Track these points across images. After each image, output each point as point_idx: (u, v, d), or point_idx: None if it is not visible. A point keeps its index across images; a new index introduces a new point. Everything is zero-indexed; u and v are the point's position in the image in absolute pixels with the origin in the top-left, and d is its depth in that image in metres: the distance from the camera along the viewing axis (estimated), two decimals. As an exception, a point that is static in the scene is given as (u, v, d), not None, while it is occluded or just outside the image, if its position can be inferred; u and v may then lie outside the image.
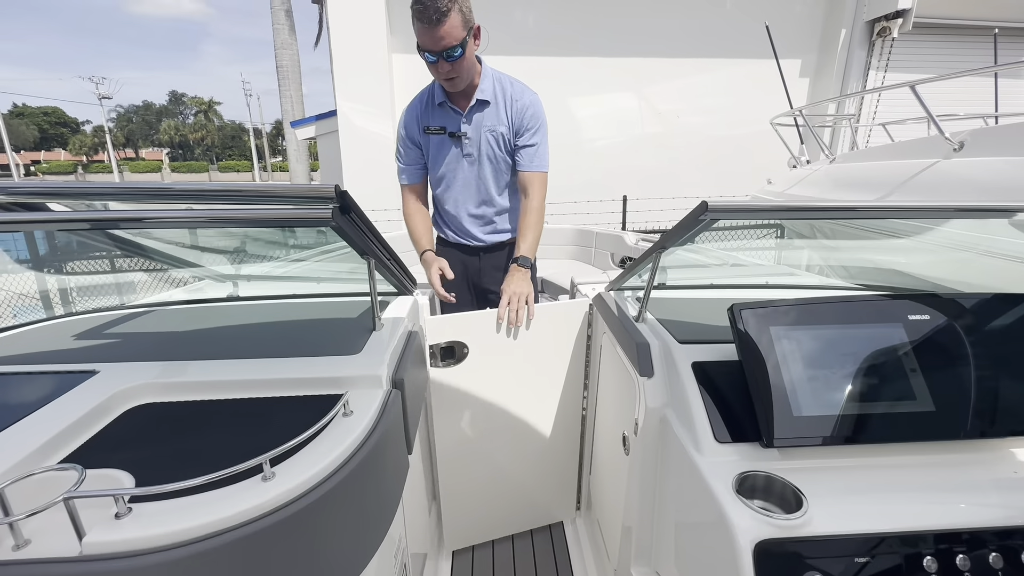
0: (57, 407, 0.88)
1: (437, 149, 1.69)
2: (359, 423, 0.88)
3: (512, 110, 1.63)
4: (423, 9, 1.36)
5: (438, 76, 1.51)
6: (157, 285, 1.64)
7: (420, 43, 1.44)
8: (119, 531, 0.65)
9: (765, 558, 0.76)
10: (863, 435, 0.90)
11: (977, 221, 1.78)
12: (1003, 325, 0.98)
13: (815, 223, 2.90)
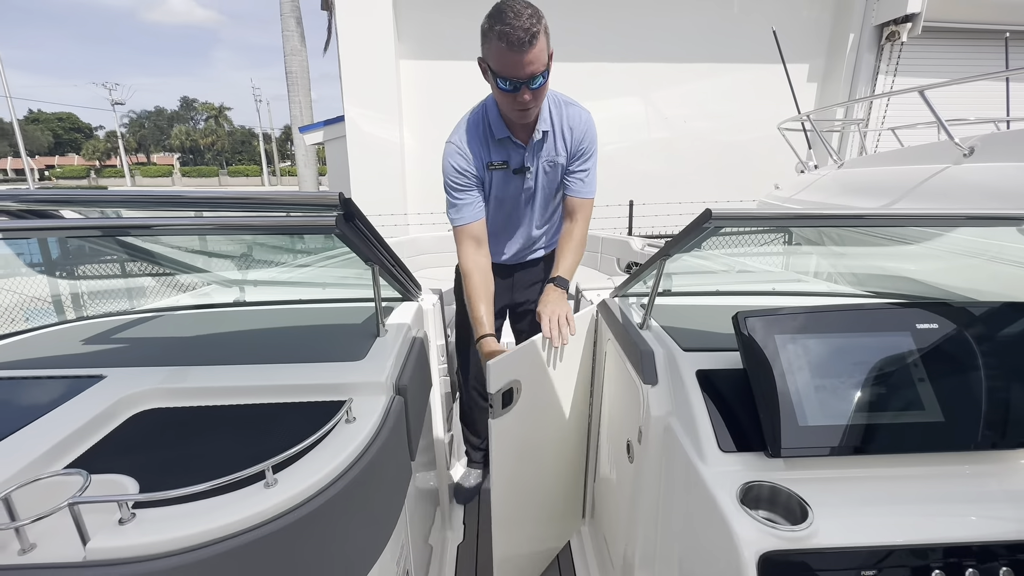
0: (64, 412, 0.89)
1: (499, 184, 1.56)
2: (361, 430, 0.88)
3: (571, 139, 1.53)
4: (509, 31, 1.19)
5: (512, 106, 1.33)
6: (164, 290, 1.66)
7: (498, 69, 1.26)
8: (123, 537, 0.65)
9: (769, 570, 0.75)
10: (870, 445, 0.89)
11: (988, 228, 1.76)
12: (1013, 334, 0.96)
13: (823, 230, 2.88)
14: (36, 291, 1.59)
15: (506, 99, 1.33)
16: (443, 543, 1.83)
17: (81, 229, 0.93)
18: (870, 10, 5.80)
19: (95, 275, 1.58)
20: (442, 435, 1.87)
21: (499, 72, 1.27)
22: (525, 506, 1.58)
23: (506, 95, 1.31)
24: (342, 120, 6.65)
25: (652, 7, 6.15)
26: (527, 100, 1.30)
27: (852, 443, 0.88)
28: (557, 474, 1.65)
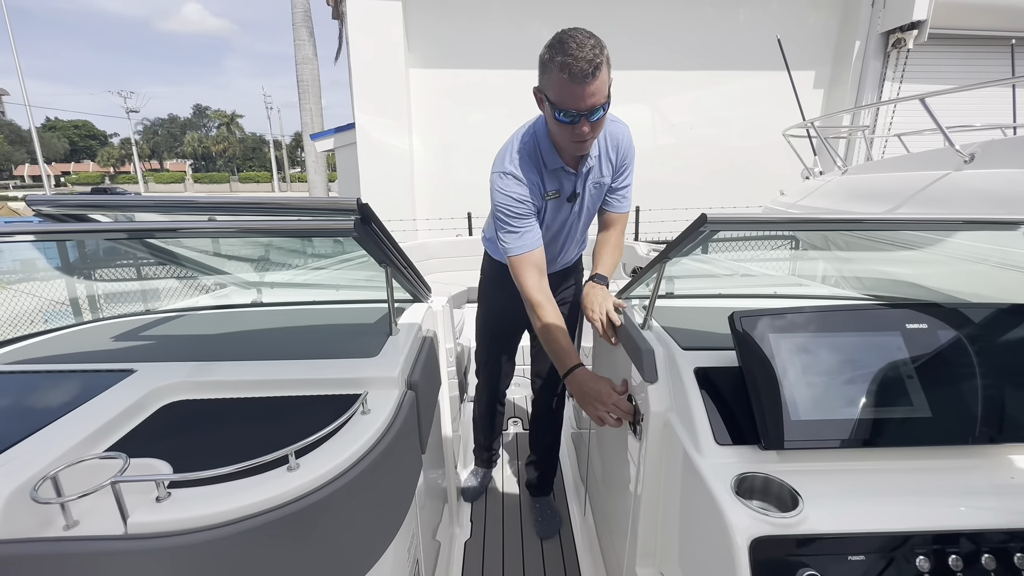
0: (99, 403, 0.95)
1: (552, 212, 1.55)
2: (376, 421, 0.94)
3: (616, 158, 1.53)
4: (572, 62, 1.15)
5: (570, 138, 1.30)
6: (187, 291, 1.74)
7: (558, 100, 1.22)
8: (160, 513, 0.71)
9: (761, 554, 0.79)
10: (859, 439, 0.93)
11: (991, 233, 1.79)
12: (999, 334, 1.00)
13: (828, 235, 2.92)
14: (65, 292, 1.67)
15: (564, 131, 1.29)
16: (451, 539, 1.88)
17: (115, 232, 1.00)
18: (876, 18, 5.82)
19: (120, 278, 1.66)
20: (450, 435, 1.92)
21: (559, 104, 1.23)
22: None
23: (564, 127, 1.27)
24: (352, 127, 6.77)
25: (659, 16, 6.22)
26: (585, 132, 1.26)
27: (842, 437, 0.92)
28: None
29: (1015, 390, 0.96)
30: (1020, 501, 0.86)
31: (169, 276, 1.59)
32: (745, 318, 1.02)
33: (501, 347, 1.96)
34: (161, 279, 1.63)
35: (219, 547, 0.70)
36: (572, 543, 1.86)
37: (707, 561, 0.92)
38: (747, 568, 0.78)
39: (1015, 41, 4.01)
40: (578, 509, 2.08)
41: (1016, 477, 0.92)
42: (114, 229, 0.97)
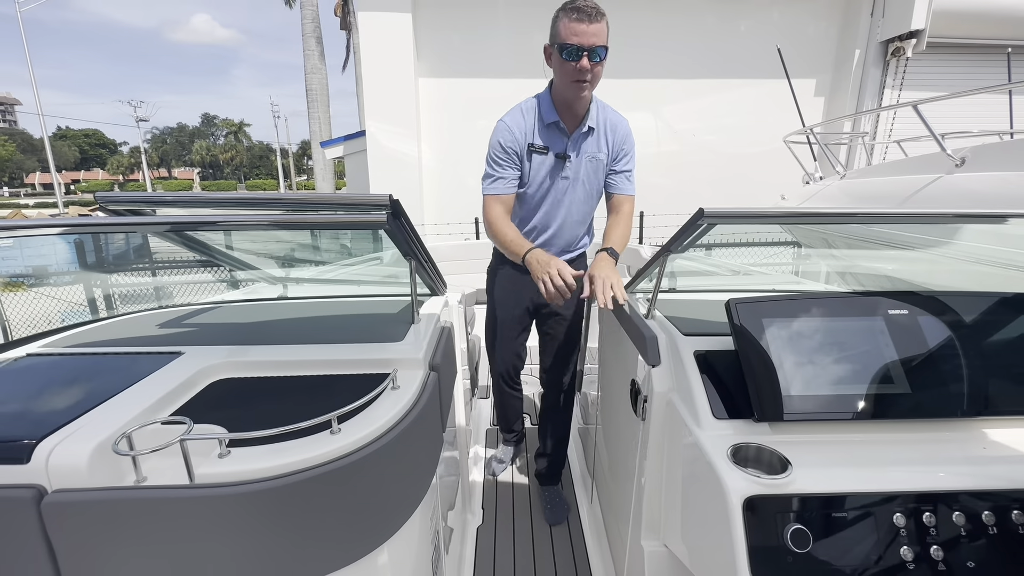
0: (155, 379, 1.05)
1: (536, 168, 1.66)
2: (405, 395, 1.04)
3: (613, 138, 1.68)
4: (582, 5, 1.43)
5: (573, 75, 1.48)
6: (219, 288, 1.85)
7: (567, 39, 1.44)
8: (222, 466, 0.82)
9: (753, 511, 0.88)
10: (844, 413, 1.02)
11: (985, 235, 1.89)
12: (970, 320, 1.09)
13: (828, 236, 3.01)
14: (121, 283, 1.81)
15: (567, 69, 1.48)
16: (464, 526, 1.96)
17: (169, 225, 1.11)
18: (875, 27, 5.94)
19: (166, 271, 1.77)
20: (463, 425, 2.02)
21: (566, 41, 1.44)
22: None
23: (567, 65, 1.47)
24: (361, 135, 6.93)
25: (662, 26, 6.36)
26: (587, 67, 1.46)
27: (828, 410, 1.02)
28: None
29: (986, 370, 1.05)
30: (989, 467, 0.95)
31: (204, 272, 1.71)
32: (740, 304, 1.12)
33: (509, 334, 2.01)
34: (197, 275, 1.75)
35: (273, 496, 0.80)
36: (580, 530, 1.95)
37: (706, 523, 1.01)
38: (741, 524, 0.88)
39: (1011, 49, 4.11)
40: (586, 499, 2.17)
41: (987, 448, 1.01)
42: (169, 223, 1.08)
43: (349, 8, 16.48)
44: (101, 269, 2.53)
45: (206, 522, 0.79)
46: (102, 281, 2.34)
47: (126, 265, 1.67)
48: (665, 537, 1.26)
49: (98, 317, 1.42)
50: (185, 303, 1.56)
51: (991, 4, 5.56)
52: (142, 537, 0.78)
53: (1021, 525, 0.87)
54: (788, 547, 0.86)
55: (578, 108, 1.60)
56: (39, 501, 0.76)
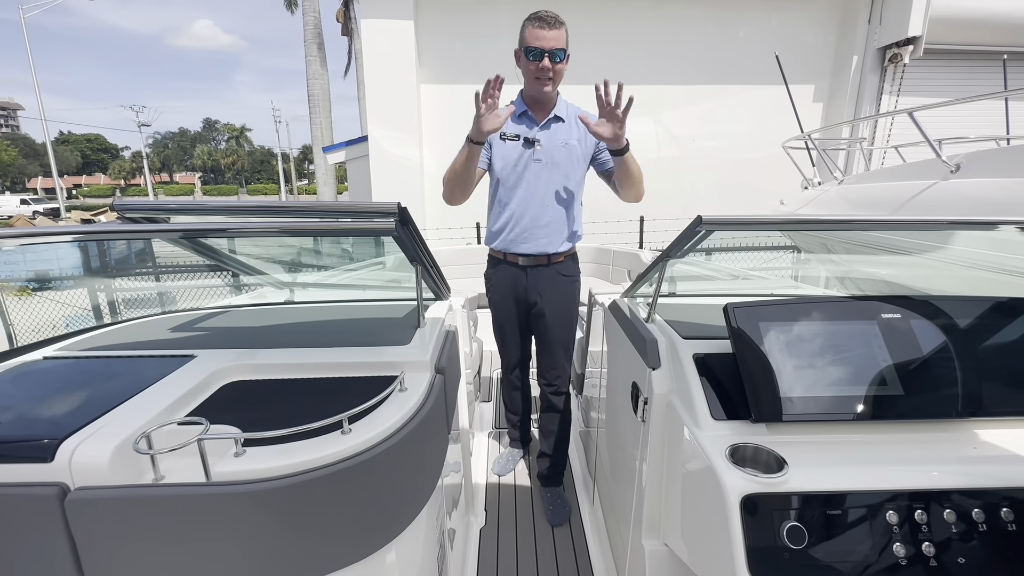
0: (170, 381, 1.09)
1: (508, 152, 1.84)
2: (412, 396, 1.07)
3: (582, 125, 1.79)
4: (543, 14, 1.67)
5: (536, 72, 1.71)
6: (232, 290, 1.88)
7: (531, 43, 1.68)
8: (238, 464, 0.85)
9: (750, 509, 0.91)
10: (839, 414, 1.05)
11: (980, 240, 1.93)
12: (961, 322, 1.12)
13: (827, 241, 3.05)
14: (129, 290, 1.85)
15: (531, 67, 1.71)
16: (467, 527, 1.99)
17: (185, 232, 1.14)
18: (872, 34, 6.00)
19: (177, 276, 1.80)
20: (467, 427, 2.05)
21: (530, 44, 1.68)
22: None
23: (531, 64, 1.70)
24: (363, 140, 6.98)
25: (662, 33, 6.42)
26: (548, 66, 1.69)
27: (823, 411, 1.05)
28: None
29: (977, 372, 1.08)
30: (979, 467, 0.98)
31: (212, 277, 1.74)
32: (738, 308, 1.15)
33: (511, 331, 2.10)
34: (205, 280, 1.78)
35: (287, 494, 0.83)
36: (582, 531, 1.97)
37: (705, 521, 1.04)
38: (739, 521, 0.90)
39: (1007, 56, 4.16)
40: (587, 500, 2.19)
41: (978, 447, 1.03)
42: (187, 229, 1.11)
43: (351, 14, 16.59)
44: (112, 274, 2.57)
45: (222, 519, 0.82)
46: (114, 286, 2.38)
47: (135, 270, 1.71)
48: (665, 536, 1.29)
49: (111, 321, 1.46)
50: (195, 307, 1.59)
51: (987, 11, 5.62)
52: (161, 533, 0.81)
53: (1010, 522, 0.90)
54: (785, 544, 0.89)
55: (545, 102, 1.83)
56: (63, 498, 0.79)
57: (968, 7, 5.60)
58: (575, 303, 2.03)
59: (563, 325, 2.01)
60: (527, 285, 1.97)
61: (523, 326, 2.08)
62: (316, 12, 14.55)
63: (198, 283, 1.75)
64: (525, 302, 2.00)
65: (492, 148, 1.86)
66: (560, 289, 1.97)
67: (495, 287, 2.04)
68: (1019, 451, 1.01)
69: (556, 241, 1.91)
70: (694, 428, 1.10)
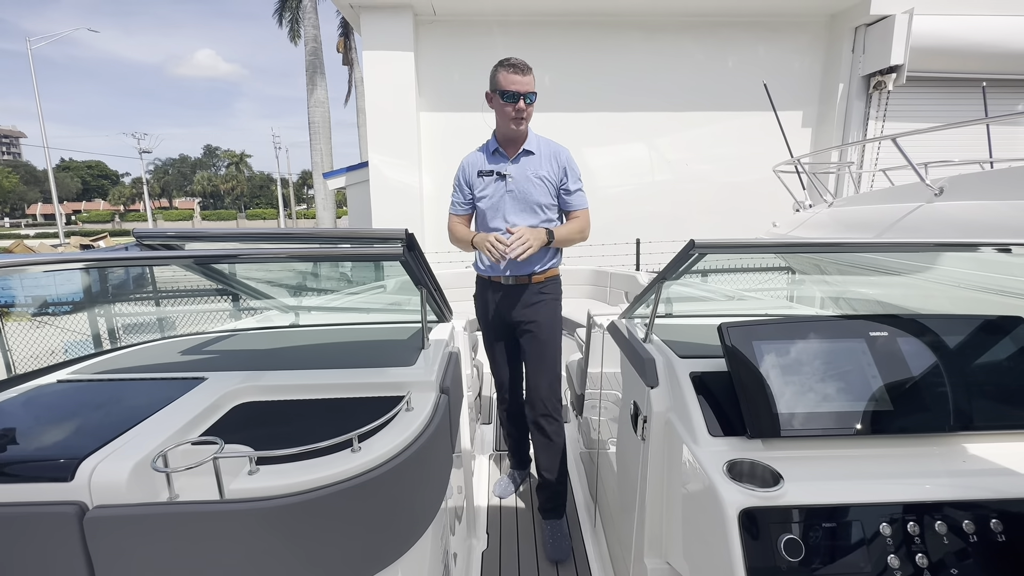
0: (183, 403, 1.12)
1: (486, 187, 2.03)
2: (419, 416, 1.10)
3: (553, 161, 2.01)
4: (516, 61, 1.86)
5: (513, 115, 1.88)
6: (237, 314, 1.92)
7: (505, 88, 1.85)
8: (252, 482, 0.87)
9: (748, 523, 0.94)
10: (831, 429, 1.08)
11: (964, 261, 1.99)
12: (948, 340, 1.17)
13: (820, 263, 3.12)
14: (140, 315, 1.89)
15: (507, 109, 1.88)
16: (468, 551, 1.98)
17: (200, 258, 1.19)
18: (857, 62, 6.22)
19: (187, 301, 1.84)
20: (469, 448, 2.06)
21: (505, 88, 1.84)
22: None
23: (509, 106, 1.86)
24: (363, 166, 7.12)
25: (654, 61, 6.64)
26: (523, 108, 1.87)
27: (816, 427, 1.08)
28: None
29: (964, 388, 1.12)
30: (969, 479, 1.01)
31: (218, 302, 1.78)
32: (732, 328, 1.19)
33: (500, 351, 2.21)
34: (209, 304, 1.82)
35: (300, 510, 0.86)
36: (584, 553, 1.97)
37: (705, 537, 1.06)
38: (737, 534, 0.93)
39: (986, 83, 4.32)
40: (589, 522, 2.19)
41: (967, 461, 1.07)
42: (200, 255, 1.16)
43: (350, 44, 17.04)
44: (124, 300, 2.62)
45: (236, 535, 0.84)
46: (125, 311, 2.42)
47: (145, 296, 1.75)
48: (667, 555, 1.30)
49: (121, 345, 1.49)
50: (203, 331, 1.63)
51: (964, 41, 5.85)
52: (176, 550, 0.84)
53: (999, 533, 0.93)
54: (782, 556, 0.92)
55: (516, 138, 1.98)
56: (81, 517, 0.81)
57: (947, 37, 5.83)
58: (557, 319, 2.13)
59: (546, 341, 2.08)
60: (511, 303, 2.08)
61: (511, 346, 2.17)
62: (317, 42, 14.95)
63: (206, 307, 1.78)
64: (510, 320, 2.10)
65: (473, 187, 2.06)
66: (540, 305, 2.07)
67: (482, 307, 2.17)
68: (1007, 464, 1.04)
69: (534, 262, 2.03)
70: (692, 445, 1.13)
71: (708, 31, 6.56)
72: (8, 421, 1.03)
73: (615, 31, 6.53)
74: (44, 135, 25.09)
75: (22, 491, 0.84)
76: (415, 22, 6.29)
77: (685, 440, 1.16)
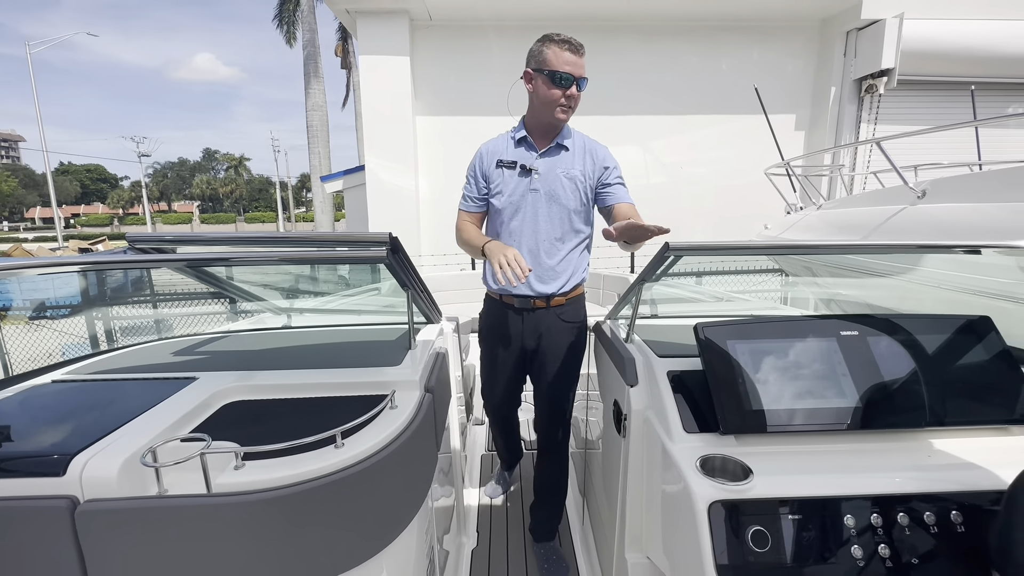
0: (174, 401, 1.15)
1: (507, 181, 1.71)
2: (402, 414, 1.14)
3: (592, 159, 1.71)
4: (570, 40, 1.57)
5: (563, 101, 1.60)
6: (232, 316, 1.96)
7: (559, 67, 1.55)
8: (238, 477, 0.91)
9: (718, 515, 0.97)
10: (800, 425, 1.12)
11: (946, 262, 2.03)
12: (915, 338, 1.21)
13: (809, 265, 3.16)
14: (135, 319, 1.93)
15: (555, 94, 1.58)
16: (459, 548, 2.01)
17: (192, 261, 1.22)
18: (848, 66, 6.28)
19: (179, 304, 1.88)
20: (458, 448, 2.09)
21: (558, 69, 1.55)
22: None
23: (555, 89, 1.57)
24: (360, 169, 7.16)
25: (649, 65, 6.71)
26: (574, 95, 1.60)
27: (786, 423, 1.12)
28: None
29: (931, 385, 1.16)
30: (932, 473, 1.05)
31: (214, 304, 1.81)
32: (707, 327, 1.23)
33: (500, 379, 1.94)
34: (206, 306, 1.85)
35: (284, 503, 0.89)
36: (572, 549, 2.00)
37: (680, 531, 1.10)
38: (707, 526, 0.97)
39: (975, 87, 4.38)
40: (577, 519, 2.22)
41: (932, 456, 1.11)
42: (191, 259, 1.19)
43: (349, 48, 17.11)
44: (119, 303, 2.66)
45: (222, 528, 0.88)
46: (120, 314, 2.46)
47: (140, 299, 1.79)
48: (647, 549, 1.34)
49: (116, 347, 1.52)
50: (195, 333, 1.66)
51: (954, 45, 5.92)
52: (165, 542, 0.87)
53: (959, 524, 0.97)
54: (750, 547, 0.95)
55: (551, 129, 1.69)
56: (72, 511, 0.84)
57: (936, 41, 5.90)
58: (578, 351, 1.83)
59: (560, 375, 1.82)
60: (523, 330, 1.79)
61: (514, 375, 1.91)
62: (315, 46, 15.03)
63: (200, 310, 1.82)
64: (520, 348, 1.83)
65: (490, 179, 1.74)
66: (558, 336, 1.78)
67: (487, 329, 1.89)
68: (970, 458, 1.08)
69: (555, 282, 1.74)
70: (668, 441, 1.17)
71: (703, 35, 6.63)
72: (3, 419, 1.06)
73: (610, 35, 6.59)
74: (43, 139, 25.13)
75: (16, 486, 0.87)
76: (411, 27, 6.34)
77: (662, 437, 1.19)
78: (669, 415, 1.20)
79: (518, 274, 1.41)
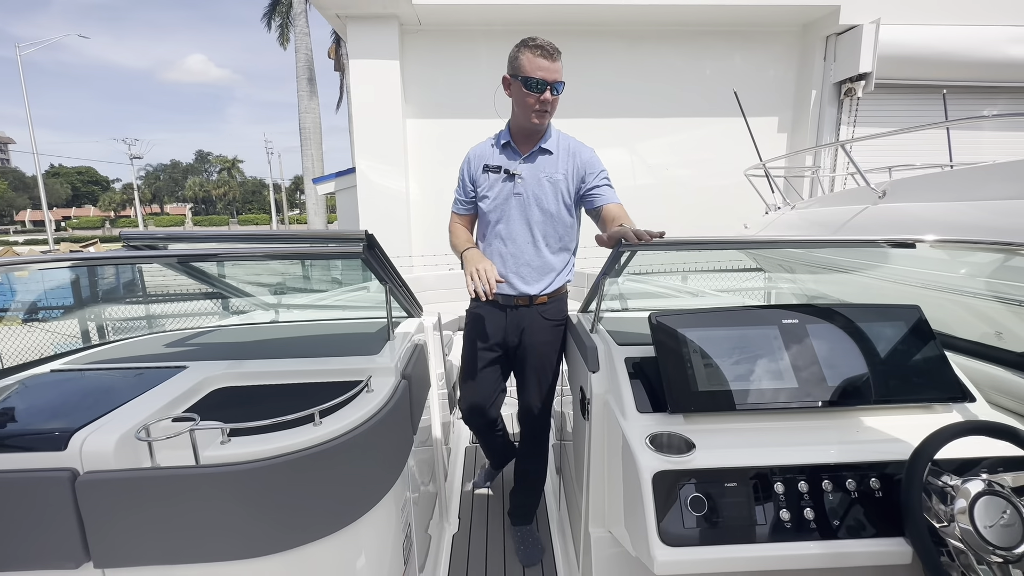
0: (165, 387, 1.24)
1: (491, 185, 1.76)
2: (377, 396, 1.24)
3: (572, 162, 1.74)
4: (543, 43, 1.58)
5: (536, 105, 1.62)
6: (224, 312, 2.04)
7: (532, 73, 1.57)
8: (224, 450, 1.00)
9: (660, 483, 1.08)
10: (742, 404, 1.23)
11: (906, 258, 2.15)
12: (849, 326, 1.32)
13: (783, 262, 3.29)
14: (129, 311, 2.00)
15: (530, 100, 1.61)
16: (440, 533, 2.11)
17: (180, 257, 1.31)
18: (828, 70, 6.45)
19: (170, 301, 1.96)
20: (439, 436, 2.19)
21: (531, 75, 1.58)
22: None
23: (531, 96, 1.60)
24: (353, 171, 7.24)
25: (634, 69, 6.85)
26: (548, 100, 1.61)
27: (729, 403, 1.23)
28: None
29: (862, 367, 1.28)
30: (857, 446, 1.16)
31: (206, 302, 1.90)
32: (659, 316, 1.34)
33: (479, 372, 1.93)
34: (199, 304, 1.94)
35: (265, 474, 0.99)
36: (548, 531, 2.10)
37: (632, 501, 1.20)
38: (651, 493, 1.07)
39: (946, 91, 4.54)
40: (555, 503, 2.32)
41: (860, 431, 1.22)
42: (179, 255, 1.28)
43: (342, 51, 17.18)
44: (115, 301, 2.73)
45: (210, 497, 0.97)
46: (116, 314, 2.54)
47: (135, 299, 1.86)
48: (609, 524, 1.44)
49: (111, 339, 1.61)
50: (184, 328, 1.75)
51: (927, 50, 6.10)
52: (158, 510, 0.96)
53: (877, 490, 1.08)
54: (688, 511, 1.06)
55: (533, 133, 1.73)
56: (73, 481, 0.94)
57: (911, 46, 6.08)
58: (555, 348, 1.89)
59: (540, 369, 1.88)
60: (506, 326, 1.86)
61: (495, 370, 1.93)
62: (308, 49, 15.07)
63: (192, 310, 1.90)
64: (503, 344, 1.89)
65: (477, 183, 1.81)
66: (540, 334, 1.84)
67: (472, 325, 1.93)
68: (891, 433, 1.19)
69: (538, 284, 1.80)
70: (622, 420, 1.27)
71: (687, 40, 6.77)
72: (8, 403, 1.15)
73: (597, 40, 6.72)
74: (33, 141, 24.98)
75: (21, 459, 0.96)
76: (401, 31, 6.44)
77: (617, 417, 1.30)
78: (624, 397, 1.31)
79: (487, 288, 1.49)
